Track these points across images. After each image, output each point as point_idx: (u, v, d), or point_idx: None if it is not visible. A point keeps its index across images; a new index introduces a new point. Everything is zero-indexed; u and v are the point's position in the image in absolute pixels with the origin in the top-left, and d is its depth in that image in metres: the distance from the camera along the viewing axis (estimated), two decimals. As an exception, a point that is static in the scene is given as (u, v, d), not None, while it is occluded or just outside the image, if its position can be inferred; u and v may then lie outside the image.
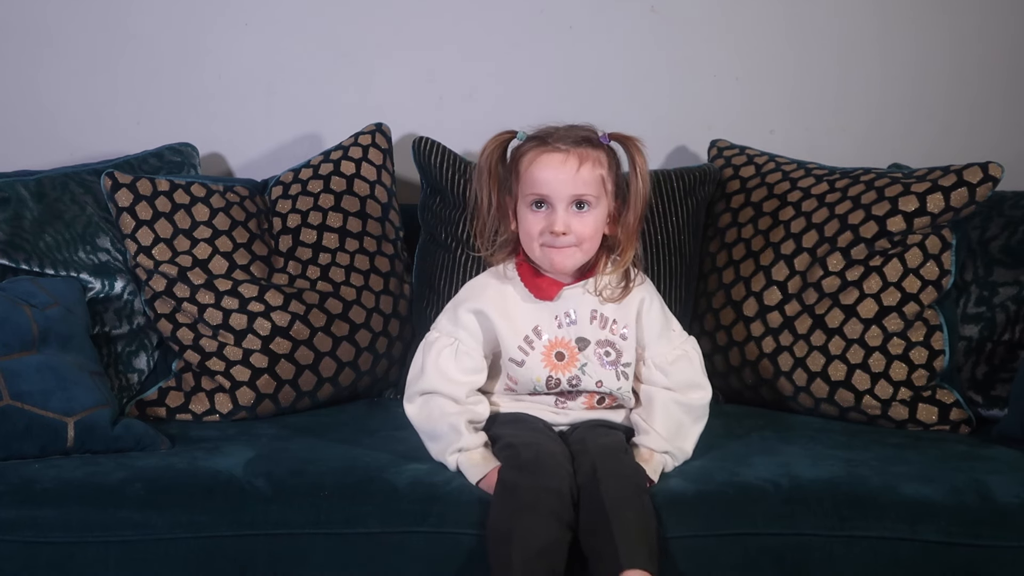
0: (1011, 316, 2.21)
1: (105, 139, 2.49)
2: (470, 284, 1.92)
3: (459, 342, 1.85)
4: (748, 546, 1.71)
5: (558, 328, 1.86)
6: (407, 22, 2.51)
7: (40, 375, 1.87)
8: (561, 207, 1.80)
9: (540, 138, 1.83)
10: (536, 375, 1.85)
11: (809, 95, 2.54)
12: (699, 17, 2.52)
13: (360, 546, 1.72)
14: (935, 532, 1.71)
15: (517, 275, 1.88)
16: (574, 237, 1.81)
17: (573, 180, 1.79)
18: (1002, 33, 2.52)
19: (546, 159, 1.80)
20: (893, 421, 2.11)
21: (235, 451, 1.88)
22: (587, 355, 1.86)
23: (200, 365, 2.13)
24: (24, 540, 1.70)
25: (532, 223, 1.82)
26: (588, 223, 1.81)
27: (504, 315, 1.85)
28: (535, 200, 1.81)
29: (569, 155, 1.80)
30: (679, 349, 1.89)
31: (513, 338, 1.85)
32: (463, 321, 1.86)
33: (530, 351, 1.86)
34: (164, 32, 2.50)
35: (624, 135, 1.84)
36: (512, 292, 1.87)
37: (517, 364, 1.86)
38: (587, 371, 1.86)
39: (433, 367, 1.83)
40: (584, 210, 1.81)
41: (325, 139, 2.51)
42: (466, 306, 1.87)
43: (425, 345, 1.87)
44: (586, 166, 1.80)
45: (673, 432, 1.84)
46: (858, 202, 2.17)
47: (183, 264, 2.14)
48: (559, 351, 1.86)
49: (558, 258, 1.82)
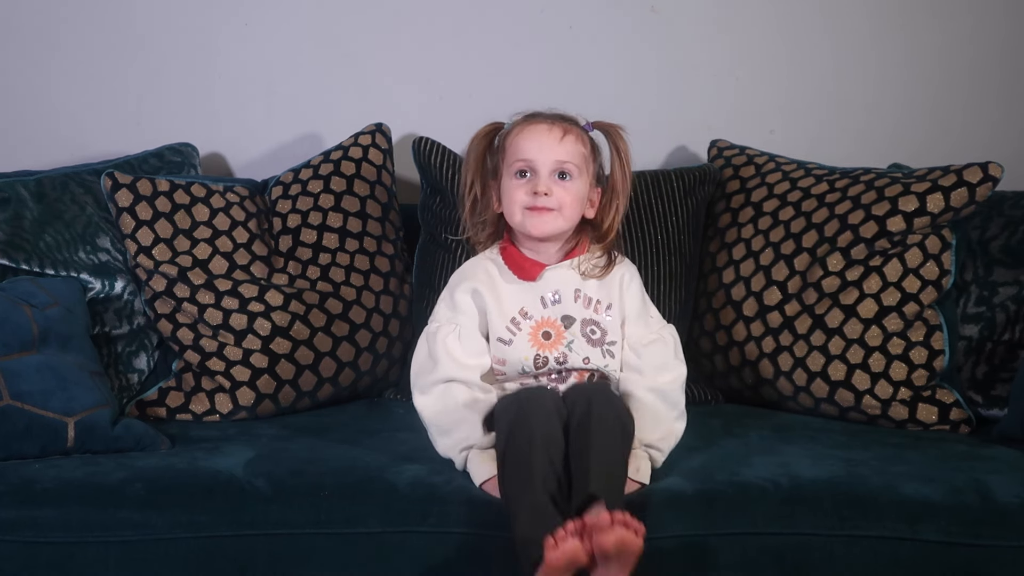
0: (1011, 316, 2.21)
1: (105, 139, 2.49)
2: (459, 270, 1.95)
3: (460, 327, 1.87)
4: (748, 546, 1.71)
5: (543, 308, 1.89)
6: (407, 22, 2.51)
7: (40, 375, 1.87)
8: (544, 172, 1.86)
9: (527, 116, 1.91)
10: (524, 354, 1.87)
11: (809, 95, 2.54)
12: (699, 17, 2.52)
13: (360, 546, 1.72)
14: (935, 532, 1.71)
15: (501, 258, 1.92)
16: (555, 200, 1.85)
17: (556, 147, 1.86)
18: (1002, 33, 2.52)
19: (531, 128, 1.88)
20: (893, 421, 2.11)
21: (235, 451, 1.88)
22: (573, 332, 1.89)
23: (200, 365, 2.13)
24: (24, 540, 1.70)
25: (515, 189, 1.88)
26: (571, 191, 1.87)
27: (494, 294, 1.89)
28: (520, 169, 1.87)
29: (554, 125, 1.88)
30: (655, 334, 1.91)
31: (500, 319, 1.88)
32: (460, 305, 1.89)
33: (517, 332, 1.88)
34: (164, 32, 2.50)
35: (606, 123, 1.91)
36: (498, 274, 1.91)
37: (505, 344, 1.88)
38: (574, 348, 1.88)
39: (444, 354, 1.85)
40: (566, 180, 1.86)
41: (325, 139, 2.51)
42: (461, 288, 1.90)
43: (428, 336, 1.88)
44: (569, 137, 1.87)
45: (653, 423, 1.84)
46: (858, 202, 2.17)
47: (183, 264, 2.14)
48: (546, 330, 1.89)
49: (538, 223, 1.86)
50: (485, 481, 1.76)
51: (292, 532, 1.72)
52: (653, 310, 1.96)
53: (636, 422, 1.81)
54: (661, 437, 1.83)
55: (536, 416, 1.72)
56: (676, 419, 1.87)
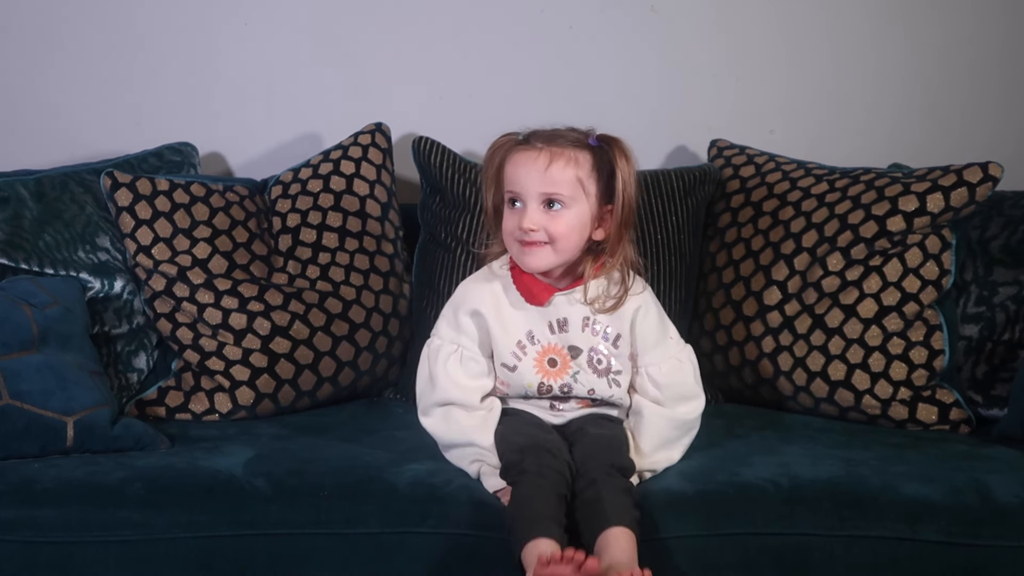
0: (1011, 316, 2.21)
1: (105, 138, 2.49)
2: (465, 285, 1.90)
3: (462, 348, 1.84)
4: (748, 546, 1.71)
5: (551, 334, 1.85)
6: (407, 22, 2.51)
7: (40, 375, 1.87)
8: (532, 204, 1.77)
9: (525, 137, 1.82)
10: (528, 380, 1.85)
11: (809, 95, 2.54)
12: (699, 17, 2.52)
13: (360, 546, 1.71)
14: (935, 532, 1.71)
15: (509, 275, 1.86)
16: (544, 234, 1.77)
17: (541, 178, 1.76)
18: (1002, 33, 2.52)
19: (518, 157, 1.79)
20: (893, 421, 2.11)
21: (235, 451, 1.88)
22: (579, 363, 1.85)
23: (200, 364, 2.13)
24: (24, 540, 1.70)
25: (507, 220, 1.81)
26: (561, 223, 1.77)
27: (499, 318, 1.84)
28: (511, 198, 1.80)
29: (541, 153, 1.77)
30: (672, 358, 1.87)
31: (506, 343, 1.84)
32: (463, 326, 1.85)
33: (523, 356, 1.85)
34: (164, 32, 2.49)
35: (608, 136, 1.81)
36: (503, 295, 1.85)
37: (509, 369, 1.85)
38: (579, 379, 1.85)
39: (444, 376, 1.82)
40: (556, 209, 1.77)
41: (325, 139, 2.51)
42: (464, 309, 1.85)
43: (430, 353, 1.86)
44: (557, 164, 1.76)
45: (659, 446, 1.84)
46: (858, 202, 2.17)
47: (183, 263, 2.14)
48: (552, 357, 1.85)
49: (529, 258, 1.79)
50: (499, 489, 1.76)
51: (292, 532, 1.72)
52: (672, 331, 1.90)
53: (645, 445, 1.83)
54: (666, 457, 1.84)
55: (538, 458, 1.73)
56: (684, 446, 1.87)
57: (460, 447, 1.81)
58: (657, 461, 1.82)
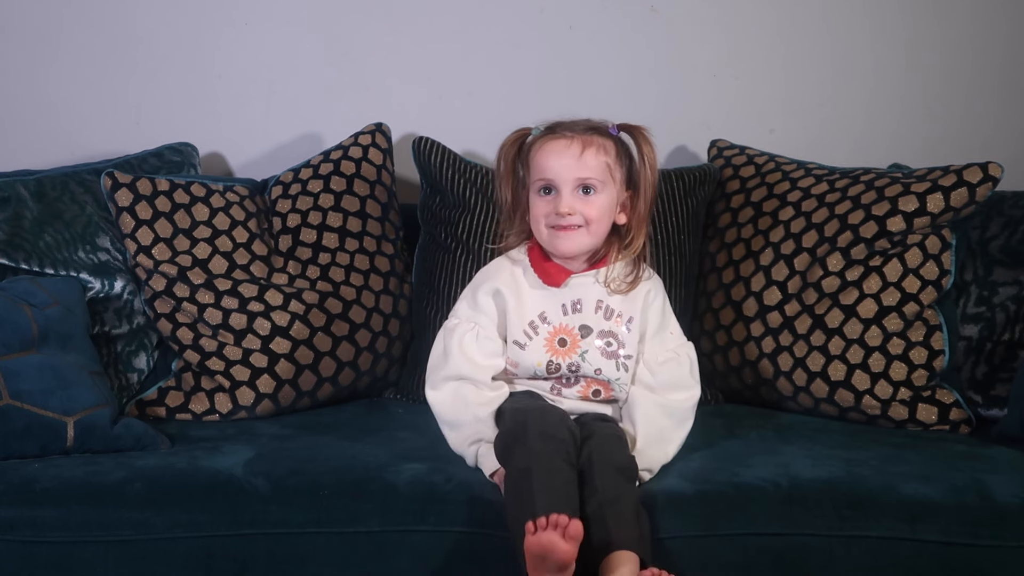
0: (1011, 316, 2.21)
1: (105, 139, 2.49)
2: (485, 268, 1.96)
3: (479, 327, 1.88)
4: (748, 546, 1.71)
5: (563, 315, 1.89)
6: (407, 22, 2.51)
7: (40, 375, 1.87)
8: (567, 190, 1.85)
9: (550, 128, 1.89)
10: (537, 359, 1.88)
11: (809, 95, 2.54)
12: (699, 17, 2.52)
13: (360, 546, 1.72)
14: (935, 532, 1.71)
15: (527, 259, 1.91)
16: (580, 217, 1.85)
17: (577, 164, 1.84)
18: (1002, 33, 2.52)
19: (551, 145, 1.86)
20: (893, 421, 2.11)
21: (235, 451, 1.88)
22: (589, 342, 1.88)
23: (200, 365, 2.13)
24: (24, 540, 1.70)
25: (539, 207, 1.87)
26: (594, 206, 1.85)
27: (516, 297, 1.89)
28: (542, 186, 1.87)
29: (573, 141, 1.86)
30: (671, 352, 1.90)
31: (519, 322, 1.89)
32: (482, 305, 1.89)
33: (534, 336, 1.88)
34: (164, 32, 2.50)
35: (632, 125, 1.90)
36: (522, 277, 1.91)
37: (520, 347, 1.88)
38: (587, 358, 1.88)
39: (458, 351, 1.86)
40: (590, 194, 1.85)
41: (325, 139, 2.51)
42: (484, 288, 1.90)
43: (446, 331, 1.90)
44: (589, 151, 1.85)
45: (654, 438, 1.84)
46: (858, 202, 2.17)
47: (183, 264, 2.14)
48: (562, 337, 1.89)
49: (563, 242, 1.86)
50: (495, 472, 1.76)
51: (291, 531, 1.72)
52: (674, 325, 1.95)
53: (639, 436, 1.83)
54: (661, 452, 1.84)
55: (541, 424, 1.73)
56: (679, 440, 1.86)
57: (462, 425, 1.83)
58: (652, 457, 1.82)
